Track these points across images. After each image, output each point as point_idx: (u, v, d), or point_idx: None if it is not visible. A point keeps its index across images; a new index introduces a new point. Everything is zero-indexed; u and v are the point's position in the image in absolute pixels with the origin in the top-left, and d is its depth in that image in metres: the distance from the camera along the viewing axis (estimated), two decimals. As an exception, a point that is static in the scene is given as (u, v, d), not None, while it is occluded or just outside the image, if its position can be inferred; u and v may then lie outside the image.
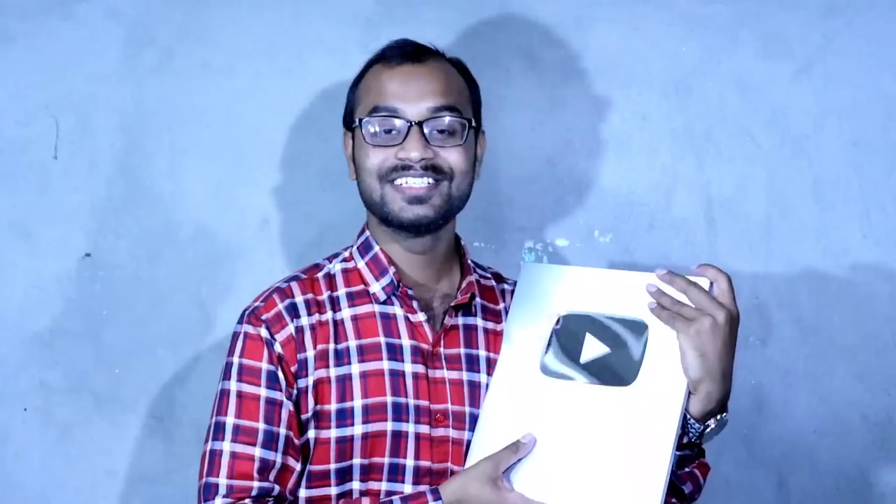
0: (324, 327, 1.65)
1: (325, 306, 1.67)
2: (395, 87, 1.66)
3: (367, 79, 1.71)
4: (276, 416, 1.61)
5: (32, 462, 2.04)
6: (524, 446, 1.56)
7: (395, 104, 1.65)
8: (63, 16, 2.06)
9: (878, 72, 2.18)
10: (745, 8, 2.17)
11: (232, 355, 1.65)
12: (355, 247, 1.74)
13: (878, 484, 2.16)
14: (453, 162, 1.66)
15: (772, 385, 2.16)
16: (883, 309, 2.16)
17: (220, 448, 1.60)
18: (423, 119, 1.65)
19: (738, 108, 2.17)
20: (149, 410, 2.06)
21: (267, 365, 1.62)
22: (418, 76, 1.67)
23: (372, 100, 1.67)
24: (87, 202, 2.06)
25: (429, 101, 1.65)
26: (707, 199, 2.17)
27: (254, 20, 2.10)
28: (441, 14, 2.13)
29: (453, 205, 1.68)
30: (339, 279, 1.71)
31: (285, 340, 1.63)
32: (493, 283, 1.80)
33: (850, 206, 2.17)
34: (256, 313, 1.65)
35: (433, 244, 1.70)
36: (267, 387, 1.62)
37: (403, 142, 1.64)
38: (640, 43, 2.16)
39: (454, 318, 1.70)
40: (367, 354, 1.65)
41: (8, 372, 2.04)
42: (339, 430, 1.62)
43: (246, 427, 1.60)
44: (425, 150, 1.64)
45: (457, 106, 1.67)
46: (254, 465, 1.59)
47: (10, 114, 2.05)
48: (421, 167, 1.64)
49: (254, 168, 2.09)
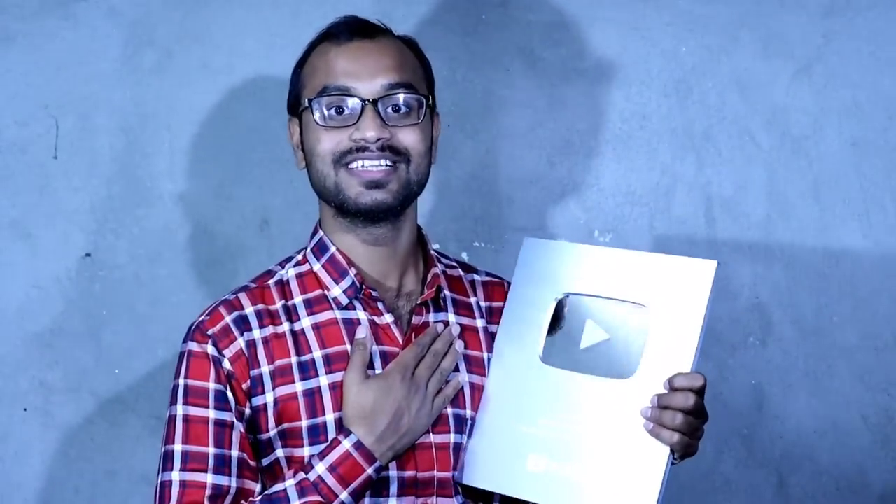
0: (280, 340, 1.55)
1: (280, 317, 1.57)
2: (345, 64, 1.56)
3: (312, 58, 1.61)
4: (227, 438, 1.51)
5: (32, 462, 2.04)
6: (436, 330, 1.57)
7: (347, 82, 1.54)
8: (63, 16, 2.06)
9: (878, 72, 2.18)
10: (745, 8, 2.17)
11: (178, 377, 1.55)
12: (309, 248, 1.64)
13: (878, 484, 2.16)
14: (410, 143, 1.56)
15: (772, 385, 2.16)
16: (883, 309, 2.16)
17: (170, 479, 1.50)
18: (378, 97, 1.54)
19: (738, 108, 2.17)
20: (149, 410, 2.06)
21: (214, 384, 1.52)
22: (369, 52, 1.56)
23: (320, 80, 1.57)
24: (87, 202, 2.06)
25: (382, 77, 1.55)
26: (707, 199, 2.17)
27: (254, 20, 2.10)
28: (441, 14, 2.13)
29: (412, 189, 1.58)
30: (293, 285, 1.60)
31: (234, 356, 1.53)
32: (459, 273, 1.71)
33: (850, 206, 2.17)
34: (202, 328, 1.55)
35: (394, 234, 1.60)
36: (216, 408, 1.51)
37: (358, 122, 1.53)
38: (640, 43, 2.17)
39: (423, 315, 1.61)
40: (334, 364, 1.55)
41: (8, 372, 2.04)
42: (313, 448, 1.52)
43: (195, 453, 1.50)
44: (382, 130, 1.53)
45: (412, 83, 1.57)
46: (205, 493, 1.49)
47: (10, 114, 2.05)
48: (377, 148, 1.53)
49: (254, 168, 2.09)
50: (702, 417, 1.53)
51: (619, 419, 1.53)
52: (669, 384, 1.50)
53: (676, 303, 1.55)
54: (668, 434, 1.49)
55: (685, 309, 1.54)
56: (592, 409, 1.55)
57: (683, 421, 1.48)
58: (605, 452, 1.53)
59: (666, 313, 1.55)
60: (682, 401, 1.49)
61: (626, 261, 1.61)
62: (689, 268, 1.56)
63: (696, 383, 1.50)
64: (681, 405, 1.48)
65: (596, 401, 1.55)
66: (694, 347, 1.53)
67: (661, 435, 1.49)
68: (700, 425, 1.53)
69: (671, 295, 1.56)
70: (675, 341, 1.54)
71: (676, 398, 1.49)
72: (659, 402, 1.50)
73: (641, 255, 1.61)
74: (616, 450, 1.53)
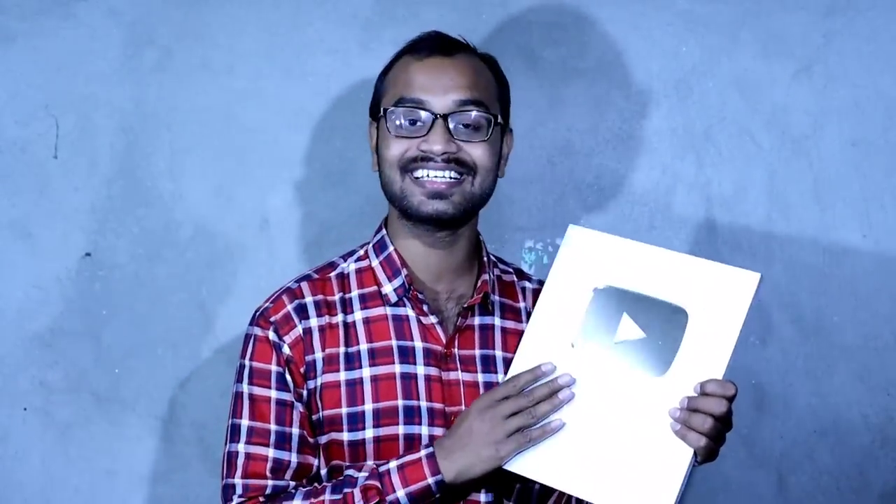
0: (333, 330, 1.65)
1: (336, 308, 1.67)
2: (422, 78, 1.64)
3: (395, 69, 1.70)
4: (288, 416, 1.63)
5: (32, 462, 2.04)
6: (543, 374, 1.57)
7: (421, 96, 1.63)
8: (63, 16, 2.06)
9: (878, 72, 2.18)
10: (746, 8, 2.17)
11: (244, 357, 1.66)
12: (371, 244, 1.73)
13: (878, 484, 2.16)
14: (477, 157, 1.64)
15: (772, 385, 2.16)
16: (883, 309, 2.16)
17: (236, 450, 1.63)
18: (449, 112, 1.63)
19: (738, 108, 2.17)
20: (149, 410, 2.06)
21: (276, 367, 1.63)
22: (446, 69, 1.65)
23: (398, 91, 1.66)
24: (87, 202, 2.06)
25: (455, 94, 1.63)
26: (707, 199, 2.17)
27: (254, 20, 2.10)
28: (441, 14, 2.13)
29: (475, 202, 1.66)
30: (352, 279, 1.70)
31: (294, 342, 1.64)
32: (513, 279, 1.78)
33: (850, 206, 2.17)
34: (265, 315, 1.66)
35: (452, 240, 1.68)
36: (277, 389, 1.63)
37: (427, 134, 1.62)
38: (640, 43, 2.17)
39: (469, 318, 1.69)
40: (378, 358, 1.64)
41: (8, 372, 2.04)
42: (351, 434, 1.62)
43: (259, 428, 1.62)
44: (448, 144, 1.62)
45: (484, 101, 1.65)
46: (266, 465, 1.61)
47: (10, 114, 2.05)
48: (443, 160, 1.62)
49: (254, 168, 2.09)
50: (728, 426, 1.55)
51: (645, 417, 1.54)
52: (702, 388, 1.53)
53: (716, 310, 1.57)
54: (696, 437, 1.51)
55: (724, 317, 1.56)
56: (619, 403, 1.56)
57: (713, 426, 1.51)
58: (628, 448, 1.54)
59: (704, 319, 1.57)
60: (713, 406, 1.51)
61: (669, 261, 1.62)
62: (733, 277, 1.58)
63: (729, 392, 1.53)
64: (712, 410, 1.51)
65: (624, 395, 1.56)
66: (728, 355, 1.55)
67: (687, 437, 1.52)
68: (725, 433, 1.55)
69: (712, 301, 1.57)
70: (711, 347, 1.55)
71: (709, 402, 1.52)
72: (689, 404, 1.52)
73: (686, 258, 1.62)
74: (639, 447, 1.54)
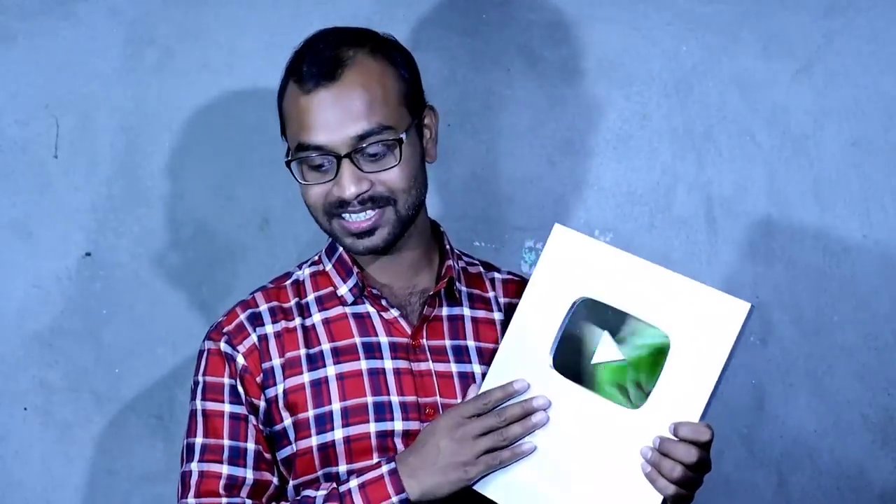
0: (291, 334, 1.61)
1: (293, 313, 1.63)
2: (312, 119, 1.54)
3: (286, 100, 1.59)
4: (242, 431, 1.58)
5: (32, 462, 2.04)
6: (516, 391, 1.50)
7: (318, 139, 1.53)
8: (63, 15, 2.06)
9: (878, 72, 2.18)
10: (746, 8, 2.17)
11: (197, 374, 1.62)
12: (323, 250, 1.69)
13: (878, 484, 2.15)
14: (393, 183, 1.55)
15: (772, 385, 2.16)
16: (883, 309, 2.16)
17: (190, 469, 1.58)
18: (351, 150, 1.53)
19: (738, 108, 2.17)
20: (149, 410, 2.06)
21: (228, 379, 1.59)
22: (334, 101, 1.53)
23: (294, 132, 1.56)
24: (87, 202, 2.06)
25: (352, 127, 1.53)
26: (707, 199, 2.17)
27: (254, 20, 2.10)
28: (441, 14, 2.13)
29: (405, 221, 1.58)
30: (307, 284, 1.66)
31: (248, 350, 1.59)
32: (480, 270, 1.72)
33: (850, 206, 2.17)
34: (219, 327, 1.62)
35: (397, 248, 1.62)
36: (230, 402, 1.59)
37: (336, 177, 1.54)
38: (640, 43, 2.16)
39: (437, 308, 1.64)
40: (343, 356, 1.59)
41: (8, 372, 2.04)
42: (320, 437, 1.57)
43: (212, 445, 1.58)
44: (360, 184, 1.54)
45: (384, 121, 1.54)
46: (220, 482, 1.56)
47: (10, 114, 2.05)
48: (359, 202, 1.55)
49: (254, 168, 2.09)
50: (704, 470, 1.46)
51: (619, 450, 1.46)
52: (675, 430, 1.43)
53: (700, 340, 1.45)
54: (664, 484, 1.43)
55: (707, 349, 1.44)
56: (594, 431, 1.48)
57: (682, 475, 1.42)
58: (595, 482, 1.46)
59: (687, 349, 1.45)
60: (683, 453, 1.42)
61: (657, 279, 1.50)
62: (721, 304, 1.45)
63: (702, 437, 1.43)
64: (682, 458, 1.42)
65: (597, 425, 1.48)
66: (708, 393, 1.44)
67: (656, 482, 1.43)
68: (700, 478, 1.46)
69: (696, 330, 1.46)
70: (690, 382, 1.44)
71: (679, 449, 1.42)
72: (661, 447, 1.43)
73: (674, 277, 1.49)
74: (611, 482, 1.45)
